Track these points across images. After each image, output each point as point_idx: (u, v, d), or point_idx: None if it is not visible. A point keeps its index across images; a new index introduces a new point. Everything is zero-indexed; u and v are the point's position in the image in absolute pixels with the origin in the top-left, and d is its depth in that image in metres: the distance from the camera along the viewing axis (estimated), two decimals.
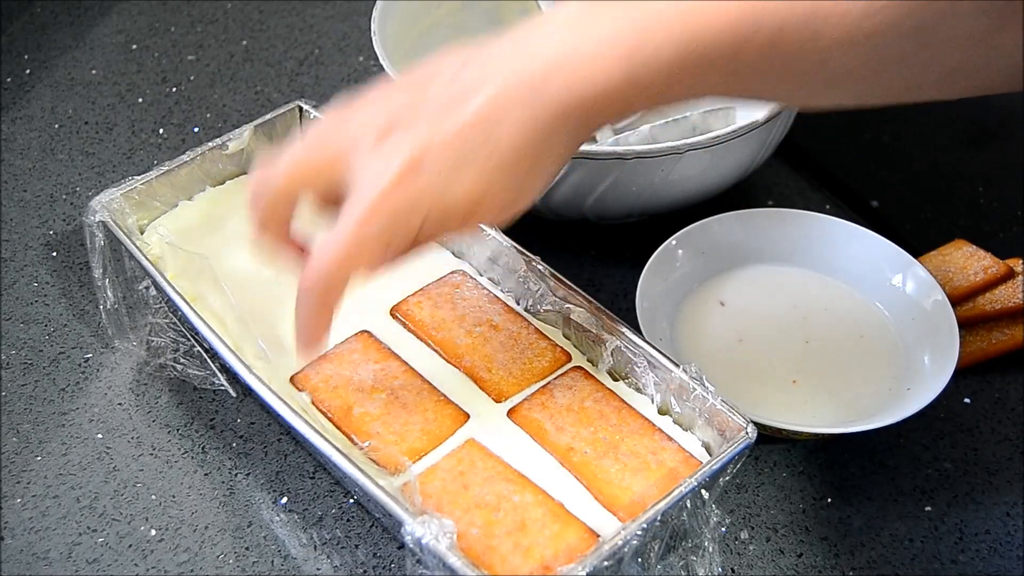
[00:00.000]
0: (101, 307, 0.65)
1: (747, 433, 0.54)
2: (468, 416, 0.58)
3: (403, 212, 0.49)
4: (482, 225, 0.65)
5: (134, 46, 0.94)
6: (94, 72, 0.91)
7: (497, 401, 0.59)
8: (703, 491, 0.52)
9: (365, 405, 0.58)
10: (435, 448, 0.57)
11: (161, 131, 0.85)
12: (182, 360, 0.65)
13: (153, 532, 0.60)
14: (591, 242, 0.76)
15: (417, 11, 0.82)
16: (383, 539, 0.60)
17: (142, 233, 0.67)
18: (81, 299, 0.72)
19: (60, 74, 0.90)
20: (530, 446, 0.57)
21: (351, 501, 0.61)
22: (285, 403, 0.55)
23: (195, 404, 0.66)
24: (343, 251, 0.49)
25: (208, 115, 0.87)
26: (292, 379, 0.60)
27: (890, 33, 0.48)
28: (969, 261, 0.69)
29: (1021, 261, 0.70)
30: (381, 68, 0.73)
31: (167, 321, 0.65)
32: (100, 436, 0.64)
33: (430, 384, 0.60)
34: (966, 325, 0.67)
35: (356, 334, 0.62)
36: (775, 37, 0.48)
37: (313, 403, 0.58)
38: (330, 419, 0.58)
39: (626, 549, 0.50)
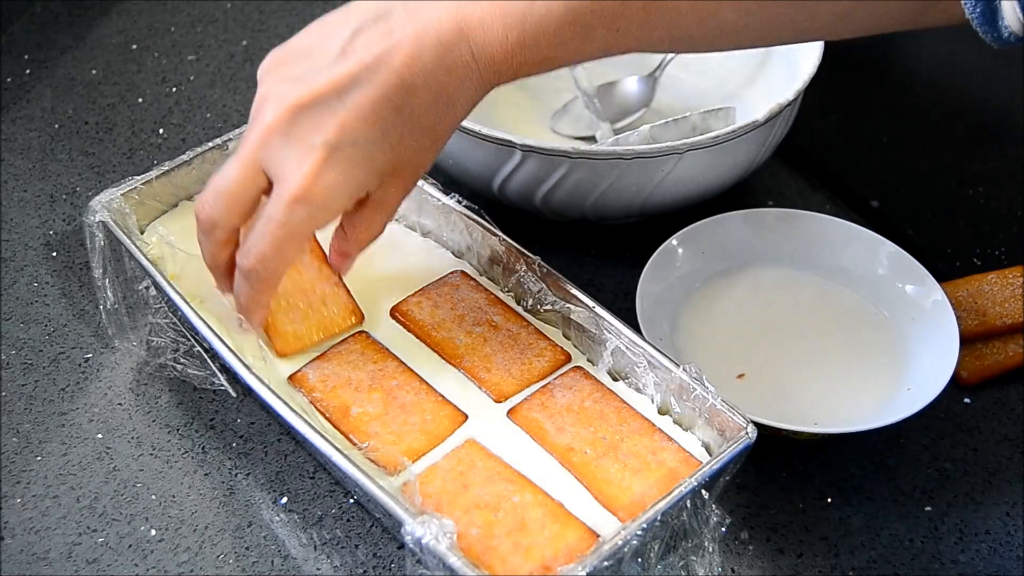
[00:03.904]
0: (101, 307, 0.65)
1: (747, 433, 0.54)
2: (466, 416, 0.58)
3: (329, 195, 0.52)
4: (483, 223, 0.65)
5: (134, 46, 0.94)
6: (94, 72, 0.91)
7: (497, 401, 0.59)
8: (703, 491, 0.52)
9: (363, 405, 0.58)
10: (433, 448, 0.57)
11: (161, 131, 0.85)
12: (182, 360, 0.65)
13: (153, 532, 0.60)
14: (591, 242, 0.76)
15: None
16: (383, 539, 0.60)
17: (142, 233, 0.66)
18: (81, 299, 0.72)
19: (60, 74, 0.90)
20: (530, 446, 0.57)
21: (351, 501, 0.61)
22: (285, 403, 0.55)
23: (195, 404, 0.66)
24: (277, 239, 0.53)
25: (208, 115, 0.87)
26: (290, 379, 0.60)
27: None
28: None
29: (1022, 270, 0.70)
30: None
31: (167, 321, 0.65)
32: (100, 436, 0.64)
33: (428, 384, 0.60)
34: (979, 339, 0.67)
35: (354, 334, 0.62)
36: None
37: (311, 403, 0.58)
38: (328, 419, 0.58)
39: (626, 549, 0.50)
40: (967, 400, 0.67)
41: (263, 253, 0.53)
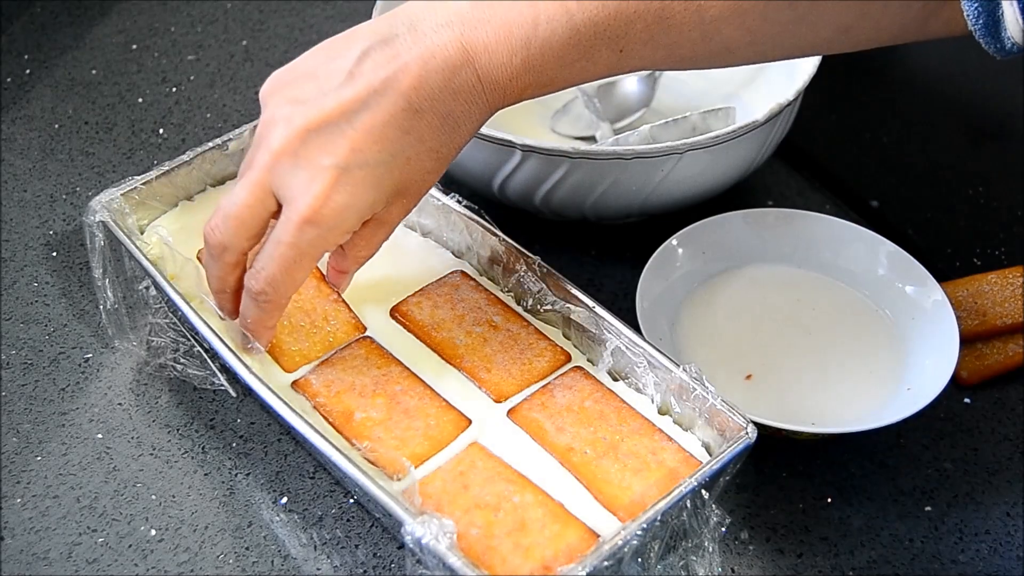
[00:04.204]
0: (101, 307, 0.65)
1: (747, 433, 0.54)
2: (470, 421, 0.58)
3: (338, 216, 0.52)
4: (483, 223, 0.65)
5: (134, 46, 0.94)
6: (94, 72, 0.91)
7: (497, 401, 0.59)
8: (703, 491, 0.52)
9: (367, 410, 0.58)
10: (437, 453, 0.56)
11: (161, 131, 0.85)
12: (182, 360, 0.65)
13: (153, 532, 0.60)
14: (591, 242, 0.76)
15: None
16: (383, 539, 0.60)
17: (142, 233, 0.67)
18: (81, 299, 0.72)
19: (60, 74, 0.90)
20: (530, 446, 0.57)
21: (351, 501, 0.61)
22: (285, 403, 0.55)
23: (195, 404, 0.66)
24: (286, 260, 0.53)
25: (208, 115, 0.87)
26: (294, 384, 0.60)
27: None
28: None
29: (1022, 270, 0.70)
30: None
31: (167, 321, 0.65)
32: (100, 436, 0.64)
33: (432, 389, 0.59)
34: (979, 339, 0.67)
35: (358, 339, 0.62)
36: (662, 14, 0.51)
37: (315, 407, 0.58)
38: (332, 424, 0.58)
39: (626, 549, 0.50)
40: (967, 400, 0.67)
41: (272, 275, 0.53)
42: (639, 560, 0.53)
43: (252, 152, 0.54)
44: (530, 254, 0.63)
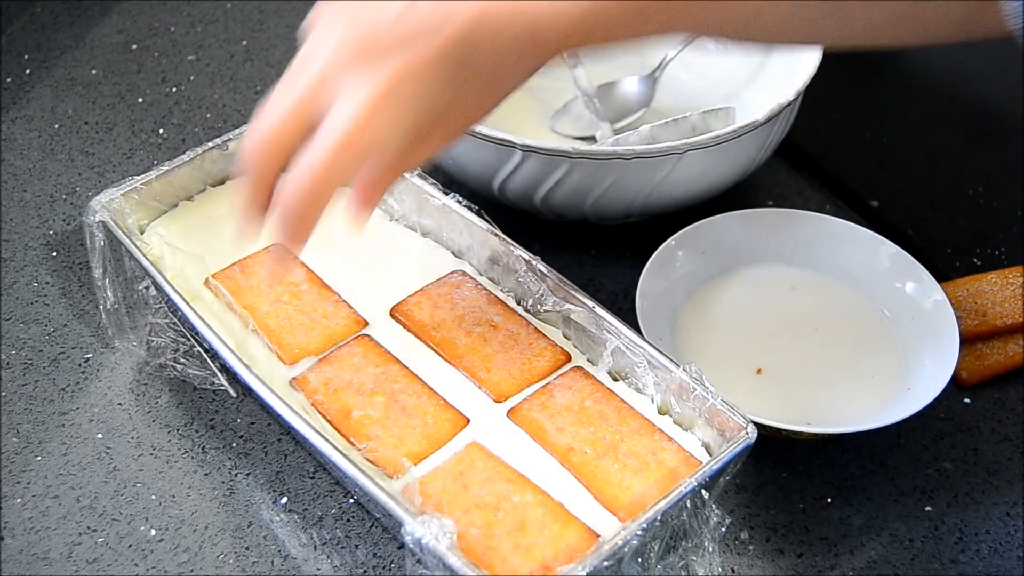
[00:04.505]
0: (101, 307, 0.65)
1: (747, 433, 0.54)
2: (468, 420, 0.58)
3: (380, 138, 0.51)
4: (483, 223, 0.65)
5: (134, 46, 0.94)
6: (94, 72, 0.91)
7: (497, 401, 0.59)
8: (703, 491, 0.52)
9: (365, 408, 0.58)
10: (435, 452, 0.57)
11: (161, 131, 0.85)
12: (182, 360, 0.65)
13: (153, 532, 0.60)
14: (591, 242, 0.76)
15: None
16: (383, 539, 0.60)
17: (142, 233, 0.67)
18: (81, 299, 0.72)
19: (60, 74, 0.90)
20: (530, 446, 0.57)
21: (351, 501, 0.61)
22: (285, 403, 0.55)
23: (195, 404, 0.66)
24: (323, 171, 0.51)
25: (208, 115, 0.87)
26: (292, 381, 0.60)
27: None
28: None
29: (1022, 270, 0.70)
30: None
31: (167, 321, 0.65)
32: (100, 436, 0.64)
33: (430, 388, 0.59)
34: (979, 339, 0.67)
35: (357, 338, 0.62)
36: None
37: (313, 405, 0.58)
38: (329, 421, 0.58)
39: (626, 549, 0.50)
40: (967, 400, 0.67)
41: (308, 186, 0.51)
42: (639, 560, 0.53)
43: (296, 71, 0.53)
44: (530, 254, 0.63)
